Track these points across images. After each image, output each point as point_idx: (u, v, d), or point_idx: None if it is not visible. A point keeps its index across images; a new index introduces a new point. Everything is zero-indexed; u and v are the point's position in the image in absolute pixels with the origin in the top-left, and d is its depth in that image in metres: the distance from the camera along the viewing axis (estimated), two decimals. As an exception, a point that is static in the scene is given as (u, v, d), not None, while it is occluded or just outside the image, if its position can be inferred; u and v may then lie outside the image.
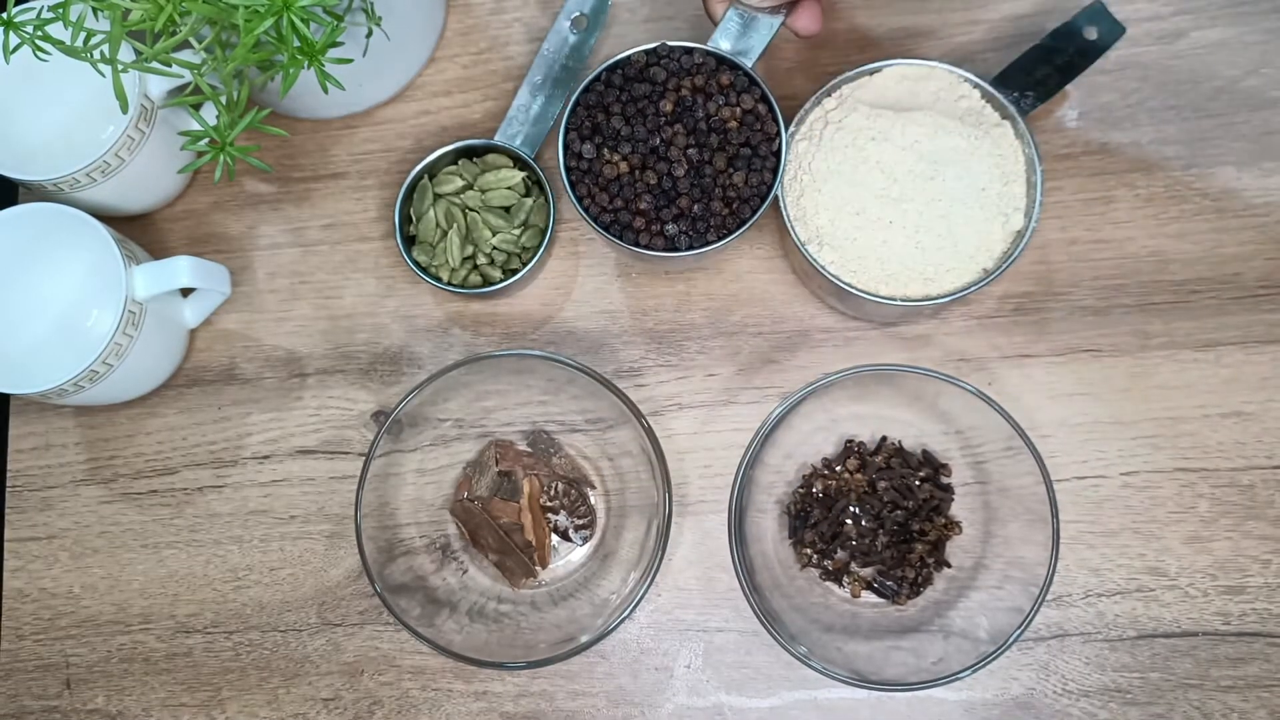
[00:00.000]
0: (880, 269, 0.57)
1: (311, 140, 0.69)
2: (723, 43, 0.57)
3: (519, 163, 0.64)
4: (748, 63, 0.57)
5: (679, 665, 0.60)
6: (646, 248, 0.56)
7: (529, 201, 0.63)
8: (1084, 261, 0.62)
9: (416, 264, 0.63)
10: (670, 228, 0.56)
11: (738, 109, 0.56)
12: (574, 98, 0.57)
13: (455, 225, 0.62)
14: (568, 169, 0.57)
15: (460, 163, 0.64)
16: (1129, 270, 0.62)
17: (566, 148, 0.57)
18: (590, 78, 0.57)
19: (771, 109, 0.57)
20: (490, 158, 0.64)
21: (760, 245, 0.64)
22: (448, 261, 0.62)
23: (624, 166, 0.56)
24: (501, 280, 0.62)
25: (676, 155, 0.56)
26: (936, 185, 0.56)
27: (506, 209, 0.63)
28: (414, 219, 0.64)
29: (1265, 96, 0.63)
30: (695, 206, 0.56)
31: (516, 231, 0.63)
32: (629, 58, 0.57)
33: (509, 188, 0.63)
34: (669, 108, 0.56)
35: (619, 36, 0.67)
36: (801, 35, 0.58)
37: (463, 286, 0.62)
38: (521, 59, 0.68)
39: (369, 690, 0.62)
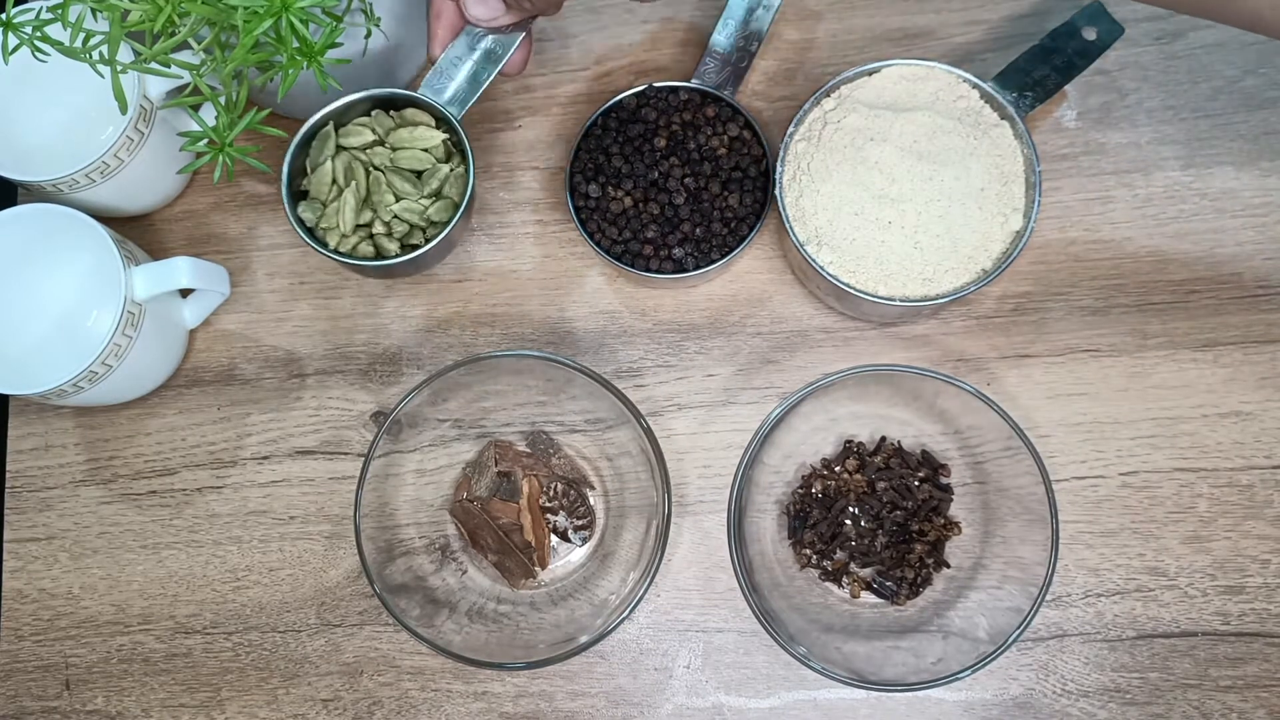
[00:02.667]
0: (879, 269, 0.57)
1: (311, 141, 0.69)
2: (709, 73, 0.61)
3: (441, 123, 0.56)
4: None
5: (678, 665, 0.60)
6: (657, 272, 0.60)
7: (445, 169, 0.56)
8: (1082, 261, 0.62)
9: (300, 222, 0.55)
10: (677, 251, 0.60)
11: (725, 136, 0.61)
12: (575, 143, 0.61)
13: (354, 184, 0.55)
14: (577, 209, 0.60)
15: (374, 114, 0.57)
16: (1127, 270, 0.62)
17: (574, 190, 0.61)
18: (588, 123, 0.61)
19: (755, 133, 0.61)
20: (409, 112, 0.56)
21: (759, 246, 0.64)
22: (338, 225, 0.55)
23: (628, 201, 0.61)
24: (395, 255, 0.55)
25: (675, 185, 0.60)
26: (935, 185, 0.56)
27: (418, 174, 0.56)
28: (309, 170, 0.56)
29: (1263, 97, 0.63)
30: (697, 230, 0.60)
31: (426, 201, 0.56)
32: (620, 101, 0.62)
33: (425, 149, 0.56)
34: (663, 143, 0.61)
35: (617, 37, 0.67)
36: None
37: (351, 256, 0.56)
38: (521, 59, 0.68)
39: (369, 690, 0.62)
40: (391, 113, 0.56)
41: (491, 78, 0.55)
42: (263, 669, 0.63)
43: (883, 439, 0.61)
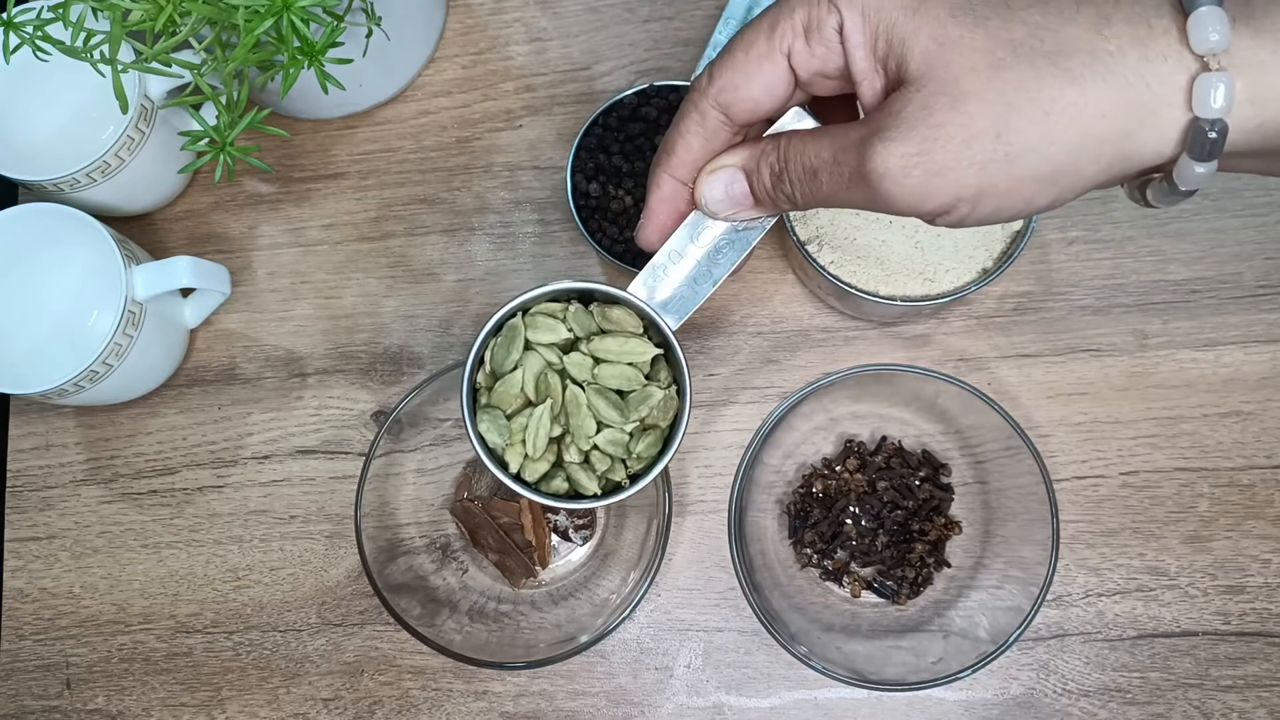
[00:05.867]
0: (879, 269, 0.57)
1: (311, 140, 0.69)
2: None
3: (647, 326, 0.44)
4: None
5: (679, 665, 0.60)
6: None
7: (657, 394, 0.43)
8: (1083, 261, 0.62)
9: (481, 439, 0.44)
10: None
11: None
12: (576, 142, 0.60)
13: (549, 402, 0.43)
14: (577, 208, 0.60)
15: (572, 307, 0.44)
16: (1128, 270, 0.62)
17: (574, 188, 0.60)
18: (588, 123, 0.60)
19: None
20: (615, 314, 0.44)
21: (760, 245, 0.64)
22: (524, 444, 0.44)
23: (629, 200, 0.60)
24: (595, 498, 0.44)
25: None
26: (936, 185, 0.56)
27: (622, 394, 0.44)
28: (486, 363, 0.44)
29: (1264, 96, 0.63)
30: None
31: (630, 428, 0.44)
32: (621, 100, 0.61)
33: (632, 364, 0.44)
34: None
35: (618, 36, 0.68)
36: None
37: (539, 491, 0.44)
38: (521, 59, 0.68)
39: (369, 690, 0.62)
40: (592, 309, 0.45)
41: (718, 284, 0.43)
42: (263, 668, 0.63)
43: (883, 439, 0.61)
